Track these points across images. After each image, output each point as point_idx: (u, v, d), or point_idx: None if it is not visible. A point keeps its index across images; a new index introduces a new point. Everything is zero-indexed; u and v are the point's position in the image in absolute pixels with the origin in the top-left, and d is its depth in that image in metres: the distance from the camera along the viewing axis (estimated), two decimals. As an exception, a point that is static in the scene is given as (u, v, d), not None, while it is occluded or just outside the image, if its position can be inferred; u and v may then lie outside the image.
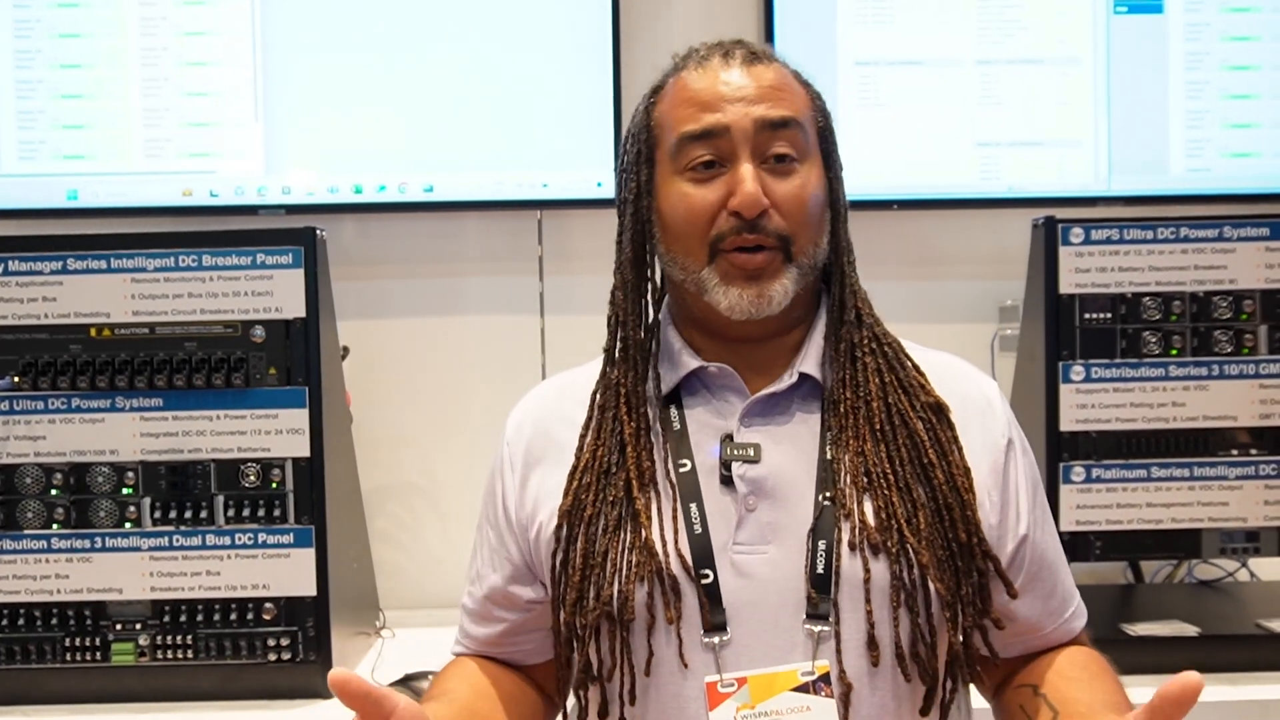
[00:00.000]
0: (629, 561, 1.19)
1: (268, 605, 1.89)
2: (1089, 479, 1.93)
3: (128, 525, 1.90)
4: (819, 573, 1.16)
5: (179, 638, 1.89)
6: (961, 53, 2.47)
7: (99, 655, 1.90)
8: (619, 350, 1.28)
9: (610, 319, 1.29)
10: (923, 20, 2.47)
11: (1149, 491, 1.94)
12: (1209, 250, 1.95)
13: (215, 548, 1.89)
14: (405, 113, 2.43)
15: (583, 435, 1.27)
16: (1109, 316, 1.94)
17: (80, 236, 1.95)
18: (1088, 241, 1.94)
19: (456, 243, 2.52)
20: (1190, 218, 1.96)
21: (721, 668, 1.16)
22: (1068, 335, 1.94)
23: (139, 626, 1.90)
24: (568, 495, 1.24)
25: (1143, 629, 1.97)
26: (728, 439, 1.23)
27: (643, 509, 1.20)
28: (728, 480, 1.21)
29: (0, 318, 1.91)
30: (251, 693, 1.89)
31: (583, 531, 1.21)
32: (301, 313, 1.90)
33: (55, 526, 1.90)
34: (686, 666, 1.16)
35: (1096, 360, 1.94)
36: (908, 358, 1.28)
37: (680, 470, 1.23)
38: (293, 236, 1.91)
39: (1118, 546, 1.96)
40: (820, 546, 1.16)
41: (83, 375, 1.89)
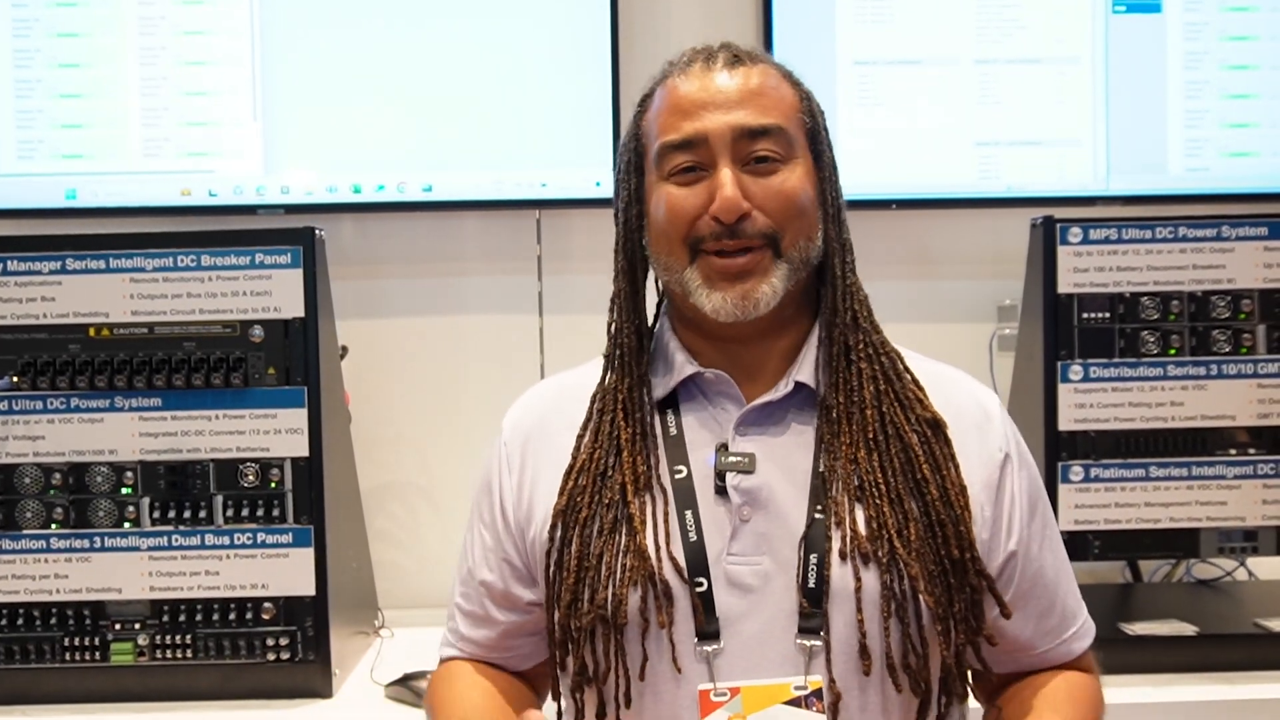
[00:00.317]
0: (623, 565, 1.19)
1: (267, 605, 1.89)
2: (1087, 478, 1.93)
3: (127, 525, 1.90)
4: (810, 586, 1.17)
5: (178, 637, 1.89)
6: (960, 52, 2.47)
7: (98, 655, 1.90)
8: (616, 357, 1.28)
9: (609, 326, 1.30)
10: (921, 20, 2.47)
11: (1147, 491, 1.94)
12: (1207, 250, 1.95)
13: (214, 547, 1.90)
14: (404, 112, 2.43)
15: (580, 436, 1.27)
16: (1107, 316, 1.94)
17: (79, 236, 1.95)
18: (1086, 241, 1.94)
19: (455, 242, 2.52)
20: (1189, 217, 1.97)
21: (715, 677, 1.16)
22: (1066, 335, 1.94)
23: (138, 626, 1.90)
24: (562, 495, 1.24)
25: (1141, 628, 1.98)
26: (723, 448, 1.23)
27: (637, 513, 1.20)
28: (722, 490, 1.21)
29: (-1, 317, 1.91)
30: (250, 692, 1.89)
31: (577, 533, 1.21)
32: (300, 312, 1.90)
33: (54, 526, 1.90)
34: (680, 672, 1.17)
35: (1095, 360, 1.94)
36: (907, 370, 1.28)
37: (676, 477, 1.23)
38: (291, 236, 1.91)
39: (1116, 546, 1.96)
40: (812, 559, 1.17)
41: (81, 375, 1.89)
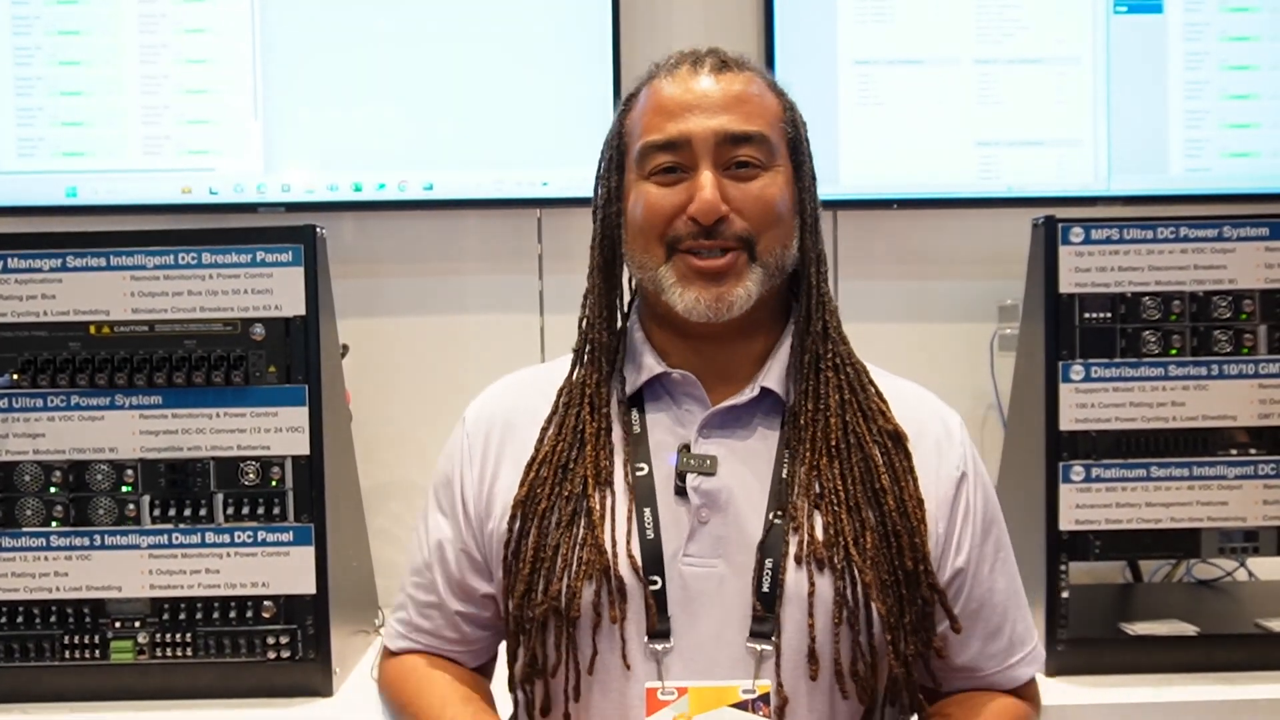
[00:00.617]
0: (579, 558, 1.20)
1: (267, 603, 1.89)
2: (1088, 478, 1.93)
3: (127, 523, 1.90)
4: (764, 591, 1.18)
5: (178, 635, 1.89)
6: (961, 52, 2.48)
7: (98, 653, 1.89)
8: (586, 352, 1.29)
9: (580, 321, 1.31)
10: (922, 19, 2.47)
11: (1148, 491, 1.94)
12: (1209, 250, 1.95)
13: (214, 545, 1.89)
14: (405, 111, 2.43)
15: (544, 429, 1.28)
16: (1109, 316, 1.94)
17: (80, 234, 1.94)
18: (1088, 241, 1.94)
19: (456, 241, 2.52)
20: (1190, 217, 1.96)
21: (663, 675, 1.18)
22: (1067, 335, 1.94)
23: (138, 624, 1.90)
24: (523, 486, 1.25)
25: (1141, 628, 1.98)
26: (685, 449, 1.24)
27: (596, 507, 1.21)
28: (681, 490, 1.22)
29: (-1, 315, 1.91)
30: (250, 691, 1.89)
31: (535, 524, 1.22)
32: (301, 311, 1.90)
33: (54, 524, 1.90)
34: (629, 669, 1.18)
35: (1096, 360, 1.94)
36: (871, 383, 1.29)
37: (637, 474, 1.24)
38: (292, 234, 1.91)
39: (1117, 546, 1.95)
40: (767, 563, 1.18)
41: (82, 373, 1.89)
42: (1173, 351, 1.94)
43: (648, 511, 1.21)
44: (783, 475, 1.22)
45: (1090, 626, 1.99)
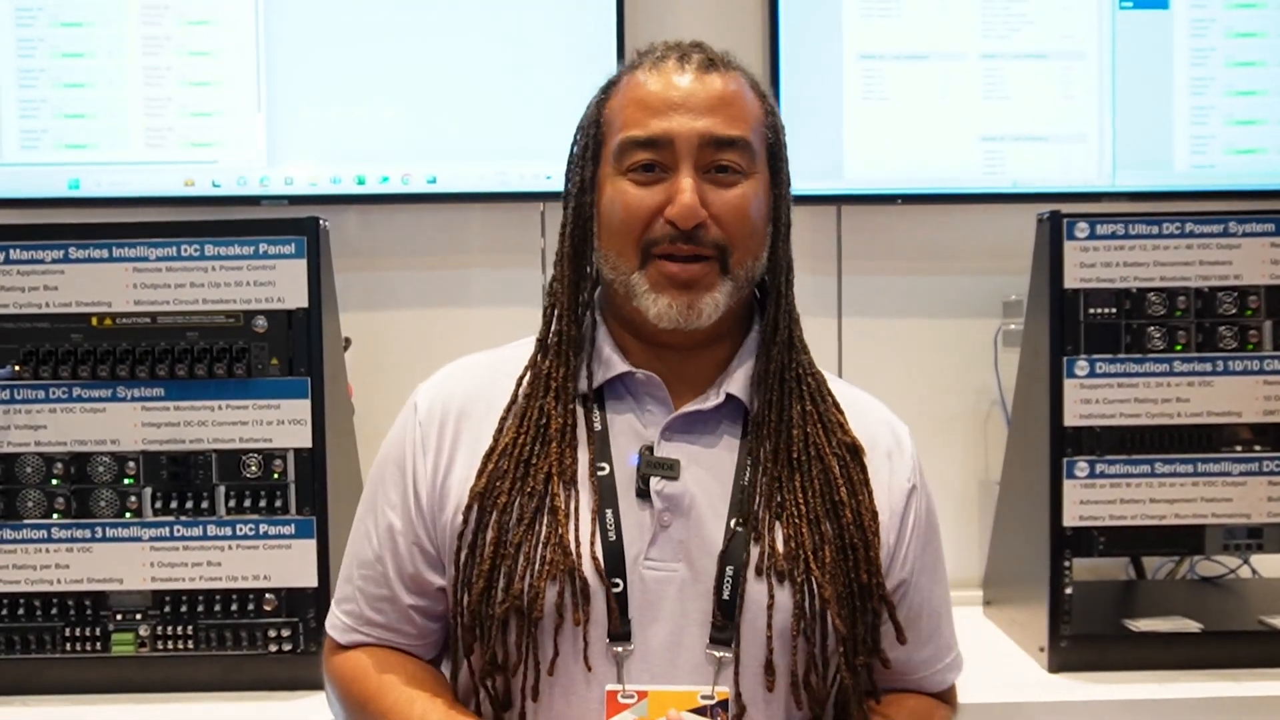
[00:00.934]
0: (542, 557, 1.18)
1: (269, 596, 1.89)
2: (1092, 474, 1.93)
3: (128, 515, 1.89)
4: (725, 599, 1.18)
5: (179, 628, 1.89)
6: (966, 47, 2.47)
7: (99, 645, 1.89)
8: (553, 342, 1.27)
9: (546, 309, 1.29)
10: (927, 14, 2.47)
11: (1152, 487, 1.94)
12: (1214, 246, 1.94)
13: (216, 538, 1.89)
14: (409, 104, 2.43)
15: (503, 418, 1.25)
16: (1114, 311, 1.93)
17: (82, 225, 1.94)
18: (1093, 236, 1.93)
19: (459, 234, 2.51)
20: (1196, 213, 1.96)
21: (623, 678, 1.17)
22: (1072, 330, 1.93)
23: (139, 617, 1.90)
24: (481, 478, 1.22)
25: (1145, 625, 1.97)
26: (647, 451, 1.23)
27: (561, 506, 1.19)
28: (644, 493, 1.21)
29: (1, 306, 1.90)
30: (252, 684, 1.89)
31: (495, 519, 1.20)
32: (304, 303, 1.89)
33: (56, 516, 1.89)
34: (590, 670, 1.17)
35: (1100, 355, 1.93)
36: (830, 393, 1.29)
37: (599, 473, 1.22)
38: (295, 226, 1.91)
39: (1120, 542, 1.95)
40: (728, 572, 1.18)
41: (84, 364, 1.89)
42: (1178, 347, 1.94)
43: (609, 513, 1.20)
44: (744, 483, 1.22)
45: (1093, 623, 1.98)
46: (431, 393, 1.33)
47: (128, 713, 1.83)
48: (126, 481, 1.90)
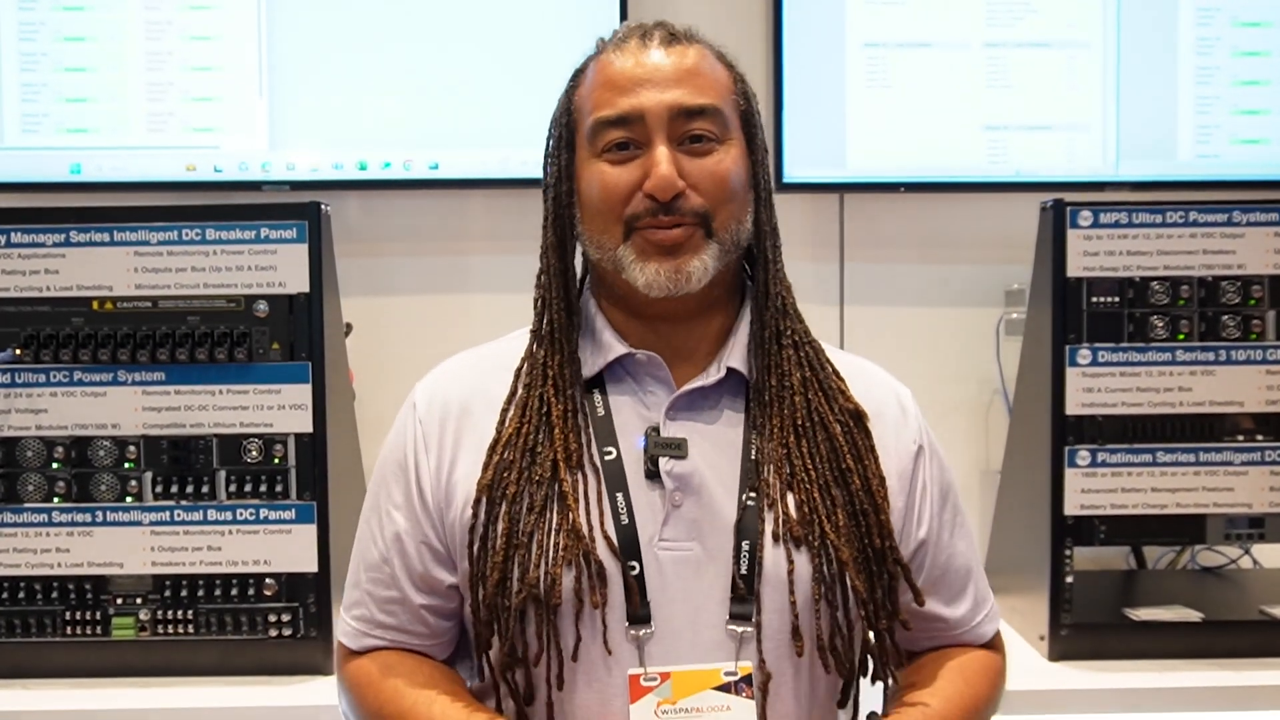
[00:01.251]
0: (556, 544, 1.17)
1: (269, 581, 1.89)
2: (1094, 463, 1.92)
3: (129, 499, 1.89)
4: (743, 572, 1.17)
5: (180, 613, 1.89)
6: (970, 35, 2.46)
7: (99, 629, 1.89)
8: (546, 332, 1.27)
9: (536, 301, 1.29)
10: (931, 2, 2.47)
11: (1154, 476, 1.93)
12: (1218, 235, 1.94)
13: (217, 523, 1.89)
14: (410, 90, 2.42)
15: (504, 410, 1.25)
16: (1116, 300, 1.93)
17: (83, 209, 1.93)
18: (1096, 225, 1.93)
19: (461, 220, 2.51)
20: (1199, 202, 1.95)
21: (645, 661, 1.17)
22: (1075, 318, 1.92)
23: (140, 601, 1.90)
24: (487, 470, 1.21)
25: (1146, 614, 1.97)
26: (653, 432, 1.22)
27: (570, 491, 1.19)
28: (653, 474, 1.21)
29: (2, 290, 1.90)
30: (252, 669, 1.89)
31: (505, 510, 1.19)
32: (305, 287, 1.89)
33: (56, 500, 1.89)
34: (611, 654, 1.16)
35: (1103, 344, 1.93)
36: (828, 361, 1.29)
37: (605, 458, 1.22)
38: (296, 211, 1.90)
39: (1122, 531, 1.95)
40: (744, 545, 1.18)
41: (85, 348, 1.88)
42: (1180, 336, 1.93)
43: (620, 496, 1.20)
44: (752, 455, 1.21)
45: (1094, 612, 1.98)
46: (430, 390, 1.32)
47: (128, 696, 1.83)
48: (127, 465, 1.90)
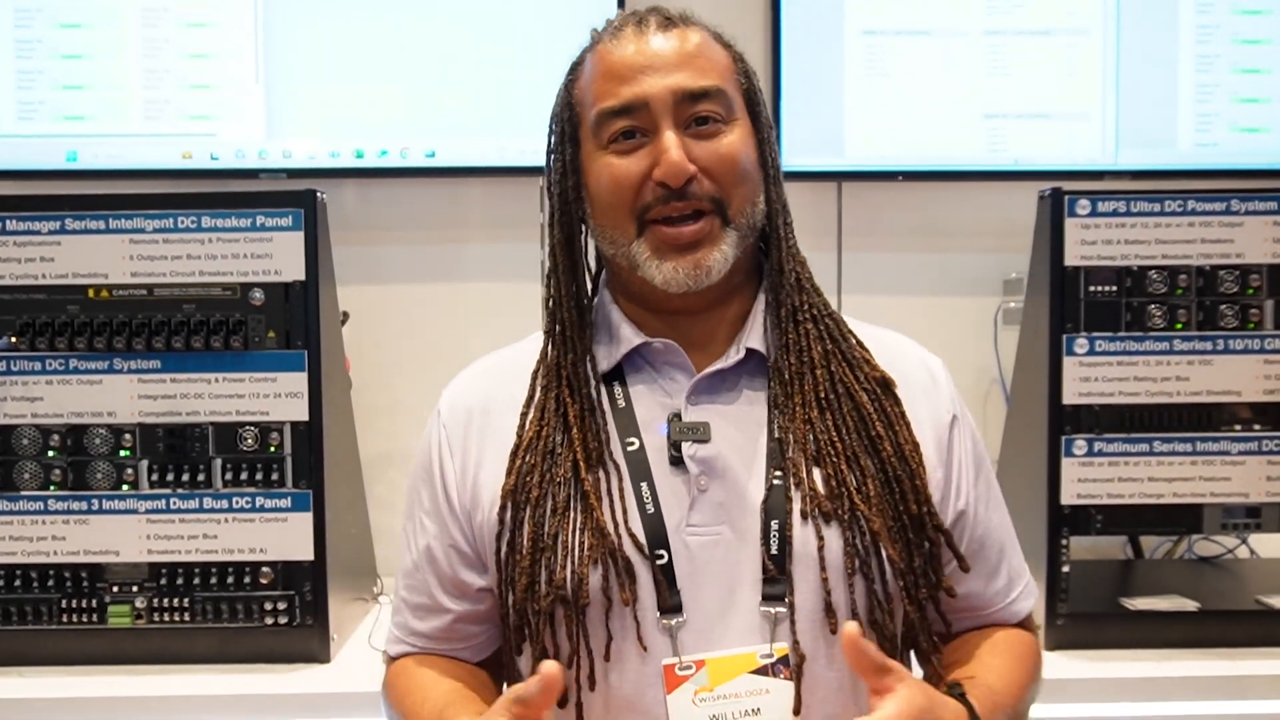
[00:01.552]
0: (580, 543, 1.16)
1: (265, 569, 1.89)
2: (1091, 452, 1.92)
3: (125, 487, 1.89)
4: (773, 552, 1.15)
5: (176, 601, 1.89)
6: (969, 23, 2.45)
7: (96, 617, 1.90)
8: (557, 332, 1.26)
9: (546, 301, 1.28)
10: (931, -11, 2.45)
11: (1151, 466, 1.93)
12: (1216, 224, 1.93)
13: (213, 511, 1.89)
14: (407, 77, 2.41)
15: (524, 414, 1.25)
16: (1114, 289, 1.92)
17: (79, 196, 1.93)
18: (1094, 213, 1.92)
19: (458, 209, 2.50)
20: (1198, 191, 1.95)
21: (679, 650, 1.15)
22: (1072, 308, 1.92)
23: (136, 589, 1.90)
24: (510, 475, 1.21)
25: (1142, 603, 1.97)
26: (676, 418, 1.21)
27: (591, 490, 1.18)
28: (677, 460, 1.19)
29: (-2, 277, 1.90)
30: (248, 656, 1.89)
31: (529, 514, 1.19)
32: (301, 275, 1.89)
33: (52, 488, 1.89)
34: (646, 649, 1.15)
35: (1100, 333, 1.92)
36: (850, 333, 1.27)
37: (628, 449, 1.21)
38: (293, 199, 1.90)
39: (1119, 520, 1.95)
40: (773, 525, 1.16)
41: (80, 336, 1.88)
42: (1178, 326, 1.93)
43: (644, 486, 1.19)
44: (775, 434, 1.20)
45: (1091, 601, 1.98)
46: (453, 396, 1.33)
47: (124, 684, 1.84)
48: (123, 454, 1.89)
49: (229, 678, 1.85)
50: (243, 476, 1.89)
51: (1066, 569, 1.92)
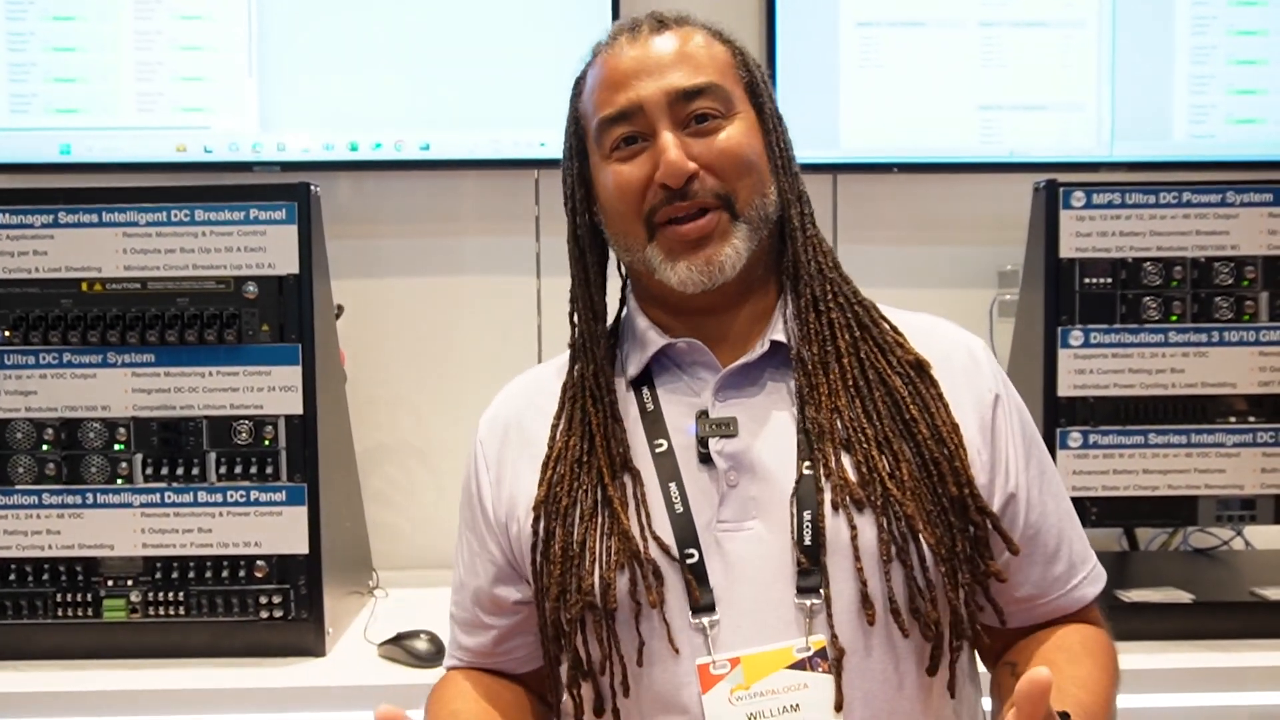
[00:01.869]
0: (608, 548, 1.16)
1: (260, 563, 1.89)
2: (1086, 444, 1.92)
3: (119, 481, 1.89)
4: (806, 544, 1.14)
5: (170, 594, 1.89)
6: (964, 14, 2.45)
7: (90, 611, 1.90)
8: (579, 343, 1.27)
9: (571, 315, 1.29)
10: (926, -20, 2.45)
11: (1146, 458, 1.94)
12: (1211, 216, 1.93)
13: (207, 505, 1.89)
14: (402, 70, 2.41)
15: (554, 426, 1.26)
16: (1109, 281, 1.93)
17: (72, 190, 1.93)
18: (1089, 205, 1.92)
19: (453, 202, 2.50)
20: (1193, 182, 1.95)
21: (713, 649, 1.13)
22: (1067, 300, 1.92)
23: (130, 583, 1.90)
24: (541, 486, 1.22)
25: (1137, 595, 1.97)
26: (703, 415, 1.21)
27: (616, 495, 1.18)
28: (706, 458, 1.19)
29: (-9, 271, 1.89)
30: (243, 650, 1.89)
31: (560, 523, 1.19)
32: (295, 269, 1.88)
33: (47, 482, 1.89)
34: (677, 652, 1.14)
35: (1095, 325, 1.92)
36: (883, 318, 1.26)
37: (657, 451, 1.21)
38: (286, 192, 1.89)
39: (1114, 512, 1.95)
40: (805, 516, 1.14)
41: (74, 330, 1.88)
42: (1173, 318, 1.93)
43: (673, 486, 1.18)
44: (804, 425, 1.19)
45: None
46: (490, 414, 1.34)
47: (119, 678, 1.83)
48: (117, 448, 1.89)
49: (224, 671, 1.85)
50: (237, 470, 1.88)
51: (1061, 561, 1.92)
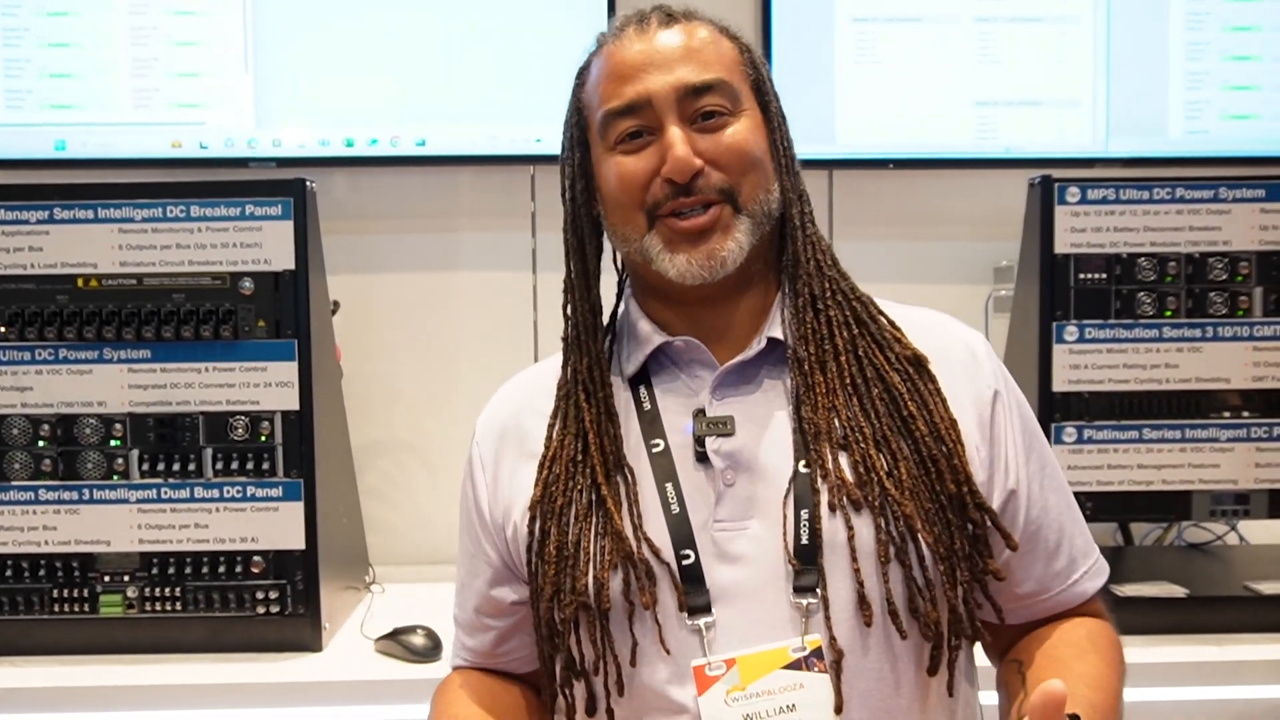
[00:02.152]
0: (601, 548, 1.16)
1: (256, 558, 1.89)
2: (1080, 439, 1.93)
3: (115, 477, 1.89)
4: (802, 543, 1.13)
5: (167, 590, 1.89)
6: (960, 10, 2.45)
7: (87, 607, 1.90)
8: (574, 339, 1.26)
9: (564, 308, 1.28)
10: (922, -24, 2.45)
11: (1140, 453, 1.94)
12: (1205, 211, 1.94)
13: (204, 500, 1.89)
14: (398, 65, 2.41)
15: (550, 425, 1.25)
16: (1104, 277, 1.93)
17: (67, 186, 1.92)
18: (1084, 201, 1.93)
19: (449, 197, 2.50)
20: (1187, 178, 1.95)
21: (709, 650, 1.13)
22: (1062, 295, 1.93)
23: (127, 579, 1.90)
24: (537, 486, 1.21)
25: (1131, 589, 1.98)
26: (700, 414, 1.20)
27: (609, 495, 1.17)
28: (703, 457, 1.18)
29: (-14, 267, 1.89)
30: (240, 645, 1.89)
31: (555, 523, 1.19)
32: (291, 265, 1.88)
33: (43, 478, 1.89)
34: (669, 652, 1.13)
35: (1090, 321, 1.93)
36: (881, 314, 1.26)
37: (653, 451, 1.20)
38: (282, 188, 1.89)
39: (1108, 507, 1.95)
40: (802, 515, 1.14)
41: (70, 326, 1.88)
42: (1167, 313, 1.94)
43: (669, 486, 1.18)
44: (800, 424, 1.18)
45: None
46: (485, 416, 1.34)
47: (116, 673, 1.84)
48: (113, 443, 1.89)
49: (220, 666, 1.85)
50: (233, 466, 1.89)
51: (1056, 556, 1.92)
